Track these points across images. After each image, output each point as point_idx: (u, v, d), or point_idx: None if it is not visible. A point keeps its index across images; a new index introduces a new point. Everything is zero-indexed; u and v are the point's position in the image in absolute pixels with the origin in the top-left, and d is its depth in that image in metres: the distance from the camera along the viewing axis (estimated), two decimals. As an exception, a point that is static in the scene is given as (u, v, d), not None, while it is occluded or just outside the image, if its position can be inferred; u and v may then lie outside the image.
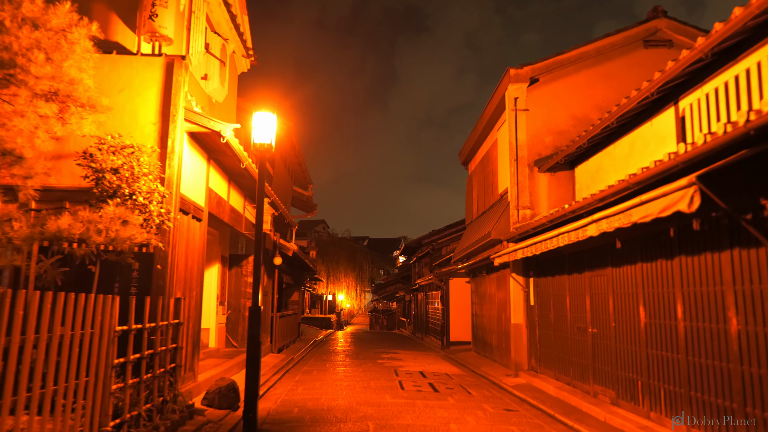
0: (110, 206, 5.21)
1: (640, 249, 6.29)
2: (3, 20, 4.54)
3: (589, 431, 6.04)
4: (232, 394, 6.82)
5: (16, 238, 4.54)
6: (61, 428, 3.56)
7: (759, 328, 4.32)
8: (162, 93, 6.57)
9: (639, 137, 8.26)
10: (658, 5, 11.61)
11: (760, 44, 5.58)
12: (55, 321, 3.48)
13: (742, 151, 4.02)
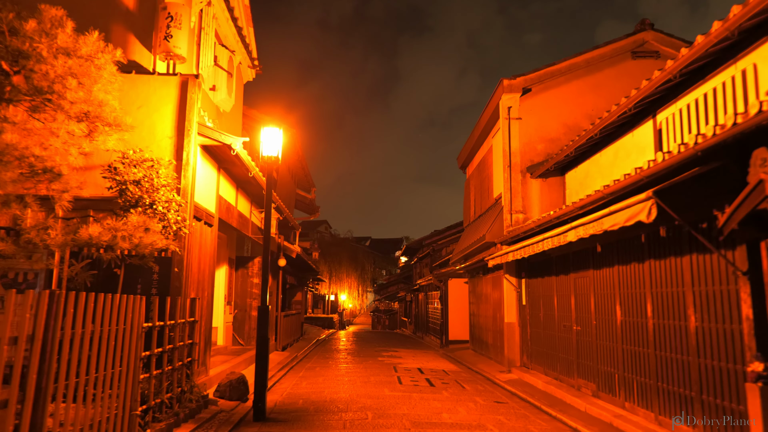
0: (134, 215, 5.78)
1: (617, 253, 6.83)
2: (41, 51, 5.11)
3: (569, 420, 6.57)
4: (242, 386, 7.38)
5: (53, 245, 5.10)
6: (100, 412, 4.12)
7: (712, 324, 4.86)
8: (177, 109, 7.14)
9: (622, 147, 8.80)
10: (646, 18, 12.15)
11: (723, 67, 6.12)
12: (96, 318, 4.04)
13: (694, 169, 4.57)
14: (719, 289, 4.76)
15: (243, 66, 13.10)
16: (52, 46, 5.23)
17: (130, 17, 8.02)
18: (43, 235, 5.14)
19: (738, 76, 5.96)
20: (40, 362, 3.36)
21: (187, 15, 8.16)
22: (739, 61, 5.94)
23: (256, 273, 13.70)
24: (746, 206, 3.91)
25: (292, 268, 19.34)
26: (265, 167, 6.85)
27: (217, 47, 10.56)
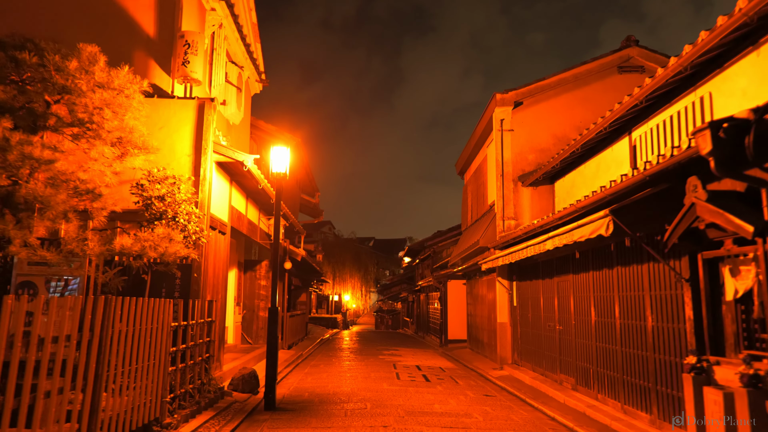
0: (159, 227, 6.55)
1: (592, 260, 7.56)
2: (81, 86, 5.88)
3: (549, 411, 7.30)
4: (253, 380, 8.14)
5: (92, 254, 5.87)
6: (138, 398, 4.88)
7: (664, 324, 5.58)
8: (195, 130, 7.90)
9: (603, 160, 9.51)
10: (631, 35, 12.85)
11: (685, 93, 6.84)
12: (136, 318, 4.80)
13: (646, 190, 5.29)
14: (669, 294, 5.49)
15: (251, 80, 13.87)
16: (90, 81, 6.01)
17: (151, 44, 8.79)
18: (83, 245, 5.90)
19: (697, 102, 6.68)
20: (98, 354, 4.12)
21: (203, 42, 8.93)
22: (698, 89, 6.66)
23: (264, 275, 14.47)
24: (683, 224, 4.64)
25: (297, 270, 20.11)
26: (275, 182, 7.61)
27: (227, 65, 11.33)
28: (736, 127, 3.81)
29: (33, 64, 5.71)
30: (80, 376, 3.93)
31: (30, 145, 4.96)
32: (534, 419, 6.89)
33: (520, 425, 6.44)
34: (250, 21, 13.78)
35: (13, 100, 5.54)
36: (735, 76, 5.98)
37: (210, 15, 10.44)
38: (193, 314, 6.58)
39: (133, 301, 4.71)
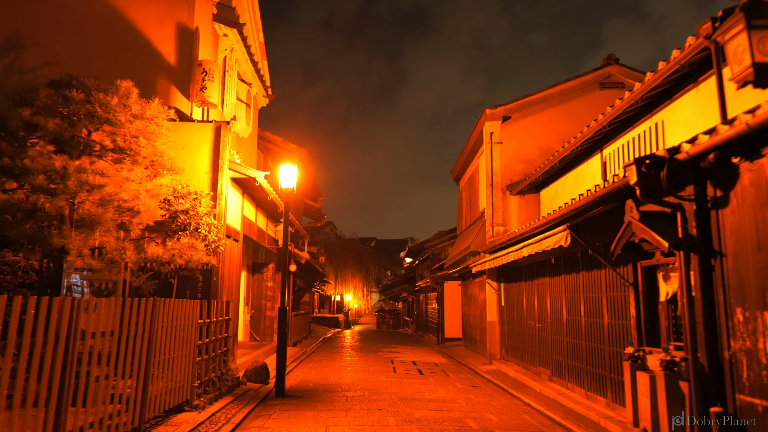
0: (184, 237, 7.55)
1: (564, 265, 8.54)
2: (120, 118, 6.90)
3: (525, 398, 8.28)
4: (264, 372, 9.15)
5: (129, 262, 6.88)
6: (172, 383, 5.88)
7: (616, 321, 6.57)
8: (212, 149, 8.91)
9: (580, 173, 10.49)
10: (612, 53, 13.82)
11: (644, 119, 7.82)
12: (173, 316, 5.81)
13: (599, 208, 6.28)
14: (619, 295, 6.47)
15: (258, 95, 14.88)
16: (127, 113, 7.03)
17: (172, 71, 9.80)
18: (122, 254, 6.92)
19: (653, 128, 7.66)
20: (149, 346, 5.12)
21: (218, 69, 9.94)
22: (653, 116, 7.65)
23: (270, 277, 15.48)
24: (624, 238, 5.62)
25: (301, 271, 21.11)
26: (283, 196, 8.61)
27: (237, 83, 12.33)
28: (655, 163, 4.79)
29: (80, 100, 6.72)
30: (135, 364, 4.94)
31: (84, 172, 5.97)
32: (511, 405, 7.88)
33: (498, 409, 7.43)
34: (258, 41, 14.79)
35: (65, 132, 6.56)
36: (681, 108, 6.97)
37: (222, 40, 11.45)
38: (215, 313, 7.59)
39: (170, 301, 5.71)
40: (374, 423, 6.24)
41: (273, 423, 6.23)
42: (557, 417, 6.79)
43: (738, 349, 4.25)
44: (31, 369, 3.51)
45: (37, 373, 3.51)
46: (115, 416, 4.75)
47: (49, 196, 5.66)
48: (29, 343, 3.43)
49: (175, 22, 9.93)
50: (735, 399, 4.26)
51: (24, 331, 3.41)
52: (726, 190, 4.44)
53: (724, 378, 4.37)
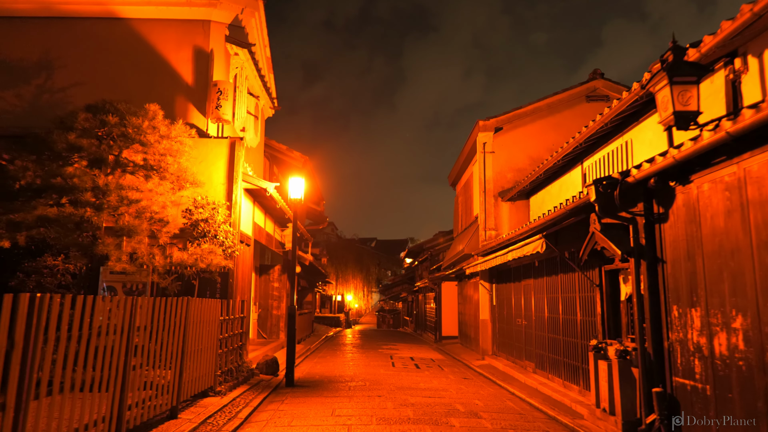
0: (204, 243, 8.46)
1: (546, 267, 9.45)
2: (150, 140, 7.81)
3: (510, 388, 9.18)
4: (274, 365, 10.06)
5: (158, 266, 7.79)
6: (199, 372, 6.79)
7: (587, 317, 7.48)
8: (227, 163, 9.81)
9: (564, 182, 11.39)
10: (597, 68, 14.73)
11: (616, 137, 8.71)
12: (201, 313, 6.71)
13: (571, 219, 7.18)
14: (589, 295, 7.38)
15: (265, 107, 15.79)
16: (155, 133, 7.94)
17: (189, 90, 10.71)
18: (151, 259, 7.83)
19: (624, 145, 8.57)
20: (183, 338, 6.03)
21: (231, 88, 10.86)
22: (624, 135, 8.54)
23: (276, 278, 16.39)
24: (589, 246, 6.53)
25: (305, 273, 22.02)
26: (292, 206, 9.52)
27: (247, 97, 13.24)
28: (611, 184, 5.70)
29: (115, 123, 7.63)
30: (174, 354, 5.84)
31: (123, 189, 6.88)
32: (497, 393, 8.78)
33: (484, 397, 8.33)
34: (265, 56, 15.70)
35: (103, 152, 7.47)
36: (645, 130, 7.87)
37: (234, 59, 12.35)
38: (232, 311, 8.50)
39: (199, 301, 6.62)
40: (374, 407, 7.15)
41: (286, 407, 7.14)
42: (536, 403, 7.69)
43: (674, 339, 5.16)
44: (97, 357, 4.38)
45: (100, 360, 4.39)
46: (153, 398, 5.65)
47: (95, 210, 6.57)
48: (87, 335, 4.31)
49: (192, 45, 10.85)
50: (672, 381, 5.17)
51: (77, 324, 4.29)
52: (666, 207, 5.35)
53: (665, 364, 5.28)
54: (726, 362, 4.39)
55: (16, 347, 3.08)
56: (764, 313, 3.98)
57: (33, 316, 3.20)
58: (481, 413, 6.92)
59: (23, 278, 7.50)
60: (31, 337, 3.18)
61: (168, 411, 5.79)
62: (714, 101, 6.07)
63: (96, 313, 4.19)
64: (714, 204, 4.60)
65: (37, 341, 3.24)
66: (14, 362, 3.08)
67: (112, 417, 4.39)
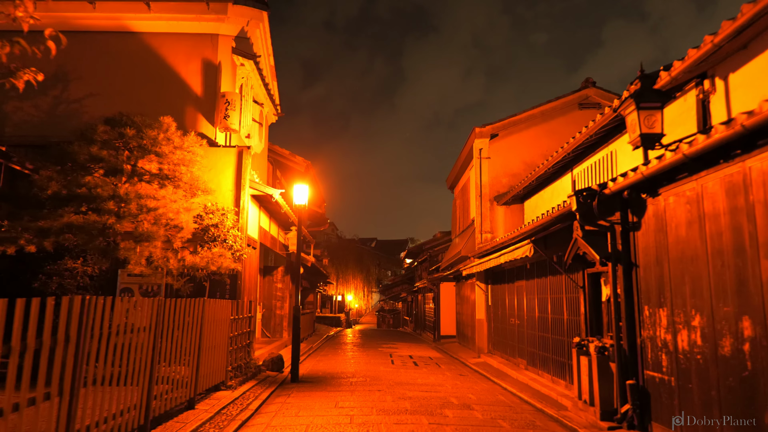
0: (214, 247, 9.01)
1: (536, 270, 10.00)
2: (165, 151, 8.35)
3: (503, 383, 9.73)
4: (279, 362, 10.61)
5: (173, 269, 8.34)
6: (212, 367, 7.33)
7: (572, 317, 8.03)
8: (235, 171, 10.36)
9: (556, 188, 11.94)
10: (589, 77, 15.27)
11: (601, 147, 9.26)
12: (217, 313, 7.26)
13: (557, 225, 7.73)
14: (574, 296, 7.93)
15: (269, 114, 16.34)
16: (170, 145, 8.49)
17: (198, 100, 11.25)
18: (166, 262, 8.38)
19: (608, 155, 9.11)
20: (200, 335, 6.57)
21: (238, 99, 11.41)
22: (609, 146, 9.09)
23: (279, 279, 16.93)
24: (572, 251, 7.08)
25: (307, 273, 22.57)
26: (297, 212, 10.08)
27: (252, 105, 13.78)
28: (590, 195, 6.25)
29: (132, 135, 8.17)
30: (192, 350, 6.39)
31: (142, 198, 7.43)
32: (490, 388, 9.33)
33: (478, 391, 8.88)
34: (269, 64, 16.24)
35: (121, 163, 8.02)
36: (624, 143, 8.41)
37: (240, 69, 12.89)
38: (241, 311, 9.05)
39: (213, 301, 7.17)
40: (375, 400, 7.70)
41: (292, 399, 7.69)
42: (525, 396, 8.24)
43: (645, 337, 5.71)
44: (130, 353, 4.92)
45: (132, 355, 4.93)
46: (174, 390, 6.19)
47: (117, 217, 7.12)
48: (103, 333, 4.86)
49: (201, 58, 11.39)
50: (643, 374, 5.72)
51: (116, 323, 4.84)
52: (639, 217, 5.90)
53: (637, 359, 5.83)
54: (687, 356, 4.94)
55: (70, 341, 3.63)
56: (717, 313, 4.53)
57: (83, 315, 3.75)
58: (473, 406, 7.46)
59: (45, 280, 8.06)
60: (82, 333, 3.73)
61: (186, 402, 6.33)
62: (687, 118, 6.63)
63: (129, 313, 4.74)
64: (678, 215, 5.15)
65: (86, 336, 3.79)
66: (69, 354, 3.62)
67: (141, 406, 4.94)
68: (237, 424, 5.97)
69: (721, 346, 4.45)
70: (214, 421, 6.09)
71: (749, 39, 5.45)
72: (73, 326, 3.64)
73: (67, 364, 3.60)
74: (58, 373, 3.53)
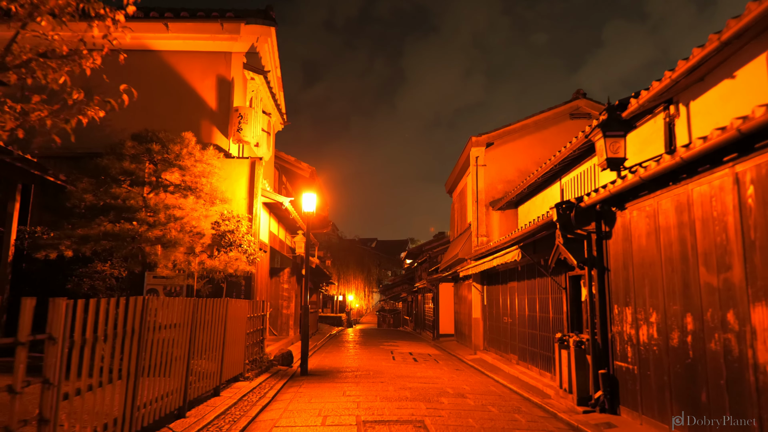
0: (231, 252, 9.86)
1: (526, 272, 10.84)
2: (187, 164, 9.19)
3: (495, 376, 10.57)
4: (289, 357, 11.45)
5: (195, 271, 9.18)
6: (232, 361, 8.17)
7: (557, 315, 8.87)
8: (248, 180, 11.20)
9: (546, 195, 12.79)
10: (580, 89, 16.12)
11: (584, 160, 10.10)
12: (236, 311, 8.10)
13: (542, 232, 8.57)
14: (558, 296, 8.77)
15: (276, 123, 17.18)
16: (191, 159, 9.33)
17: (213, 114, 12.09)
18: (188, 265, 9.22)
19: (592, 167, 9.95)
20: (224, 332, 7.41)
21: (251, 113, 12.26)
22: (592, 158, 9.93)
23: (286, 280, 17.78)
24: (556, 255, 7.92)
25: (311, 274, 23.44)
26: (305, 219, 10.92)
27: (261, 116, 14.62)
28: (569, 207, 7.09)
29: (158, 150, 9.02)
30: (218, 345, 7.23)
31: (170, 208, 8.28)
32: (483, 381, 10.17)
33: (472, 383, 9.73)
34: (276, 76, 17.08)
35: (147, 175, 8.86)
36: (608, 155, 9.25)
37: (250, 83, 13.74)
38: (256, 309, 9.90)
39: (234, 301, 8.01)
40: (378, 390, 8.54)
41: (304, 389, 8.53)
42: (515, 387, 9.08)
43: (615, 332, 6.56)
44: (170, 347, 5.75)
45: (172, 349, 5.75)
46: (203, 379, 7.03)
47: (149, 226, 7.97)
48: (156, 326, 5.68)
49: (215, 74, 12.24)
50: (613, 364, 6.56)
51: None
52: (611, 227, 6.75)
53: (608, 351, 6.67)
54: (646, 348, 5.78)
55: (134, 333, 4.47)
56: (668, 311, 5.37)
57: (144, 312, 4.59)
58: (467, 395, 8.31)
59: (78, 282, 8.91)
60: (144, 327, 4.57)
61: (212, 390, 7.18)
62: (657, 137, 7.48)
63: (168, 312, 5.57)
64: (640, 227, 5.99)
65: (147, 330, 4.63)
66: (134, 344, 4.46)
67: (181, 390, 5.79)
68: (258, 408, 6.81)
69: (671, 339, 5.29)
70: (237, 405, 6.93)
71: (705, 73, 6.31)
72: (136, 321, 4.48)
73: (132, 352, 4.44)
74: (126, 358, 4.36)
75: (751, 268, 4.15)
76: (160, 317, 5.08)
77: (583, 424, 6.16)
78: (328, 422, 6.13)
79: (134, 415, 4.46)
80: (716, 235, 4.60)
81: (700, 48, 5.55)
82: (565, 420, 6.56)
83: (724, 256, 4.49)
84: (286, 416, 6.48)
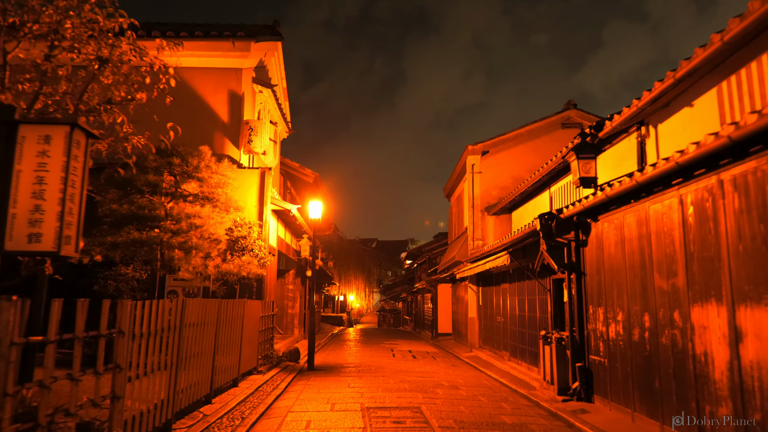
0: (244, 256, 10.70)
1: (516, 274, 11.68)
2: (205, 176, 10.03)
3: (487, 371, 11.40)
4: (296, 354, 12.29)
5: (211, 274, 10.02)
6: (249, 354, 9.00)
7: (542, 314, 9.71)
8: (259, 189, 12.04)
9: (537, 202, 13.62)
10: (571, 99, 16.96)
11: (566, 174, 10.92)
12: (252, 311, 8.93)
13: (529, 239, 9.41)
14: (544, 298, 9.61)
15: (281, 131, 18.02)
16: (208, 171, 10.17)
17: (225, 127, 12.93)
18: (204, 269, 10.06)
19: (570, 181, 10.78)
20: (242, 328, 8.24)
21: (260, 126, 13.10)
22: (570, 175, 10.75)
23: (291, 281, 18.62)
24: (540, 261, 8.76)
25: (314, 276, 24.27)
26: (312, 225, 11.75)
27: (268, 126, 15.45)
28: (550, 217, 7.93)
29: (178, 163, 9.85)
30: (235, 342, 8.07)
31: (191, 217, 9.12)
32: (476, 375, 11.01)
33: (465, 377, 10.56)
34: (282, 87, 17.93)
35: (171, 187, 9.71)
36: (591, 168, 10.08)
37: (259, 96, 14.58)
38: (267, 309, 10.74)
39: (250, 301, 8.85)
40: (379, 382, 9.38)
41: (312, 382, 9.37)
42: (505, 381, 9.92)
43: (590, 329, 7.39)
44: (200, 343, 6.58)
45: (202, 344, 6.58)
46: (223, 372, 7.86)
47: (173, 234, 8.81)
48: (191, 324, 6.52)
49: (227, 89, 13.08)
50: (588, 358, 7.40)
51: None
52: (587, 236, 7.58)
53: (585, 346, 7.51)
54: (614, 343, 6.62)
55: (176, 329, 5.30)
56: (631, 310, 6.21)
57: (183, 311, 5.42)
58: (460, 387, 9.15)
59: (103, 283, 9.77)
60: (182, 324, 5.41)
61: (231, 381, 8.02)
62: (631, 154, 8.31)
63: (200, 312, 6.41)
64: (610, 237, 6.83)
65: (184, 327, 5.47)
66: (175, 339, 5.30)
67: (208, 381, 6.63)
68: (273, 397, 7.65)
69: (633, 335, 6.13)
70: (255, 395, 7.78)
71: (669, 101, 7.15)
72: (177, 319, 5.32)
73: (173, 345, 5.27)
74: (169, 351, 5.19)
75: (690, 275, 4.99)
76: (193, 317, 5.91)
77: (560, 410, 7.00)
78: (336, 408, 6.97)
79: (175, 398, 5.30)
80: (666, 246, 5.43)
81: (660, 82, 6.38)
82: (546, 408, 7.40)
83: (672, 264, 5.32)
84: (299, 404, 7.32)
